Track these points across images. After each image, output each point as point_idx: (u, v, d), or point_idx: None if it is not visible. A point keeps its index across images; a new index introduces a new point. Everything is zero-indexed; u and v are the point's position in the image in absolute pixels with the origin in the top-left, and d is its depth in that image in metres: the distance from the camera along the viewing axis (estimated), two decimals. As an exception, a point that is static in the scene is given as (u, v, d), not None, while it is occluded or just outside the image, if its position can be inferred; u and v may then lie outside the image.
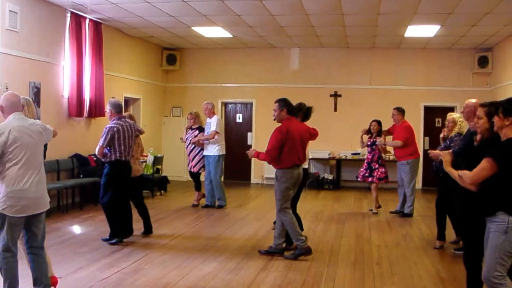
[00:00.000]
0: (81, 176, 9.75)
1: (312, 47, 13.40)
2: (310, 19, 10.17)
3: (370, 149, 9.31)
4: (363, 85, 13.47)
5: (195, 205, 9.79)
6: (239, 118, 14.28)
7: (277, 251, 6.26)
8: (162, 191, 11.54)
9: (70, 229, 7.76)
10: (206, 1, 8.93)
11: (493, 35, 11.23)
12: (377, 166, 9.25)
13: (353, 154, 12.95)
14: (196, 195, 9.92)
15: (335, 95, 13.54)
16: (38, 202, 4.19)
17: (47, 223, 4.47)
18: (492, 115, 3.81)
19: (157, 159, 11.47)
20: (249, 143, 14.03)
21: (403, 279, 5.51)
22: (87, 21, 10.18)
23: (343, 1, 8.78)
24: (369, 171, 9.27)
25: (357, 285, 5.26)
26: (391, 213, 9.41)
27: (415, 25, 10.36)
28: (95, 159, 10.02)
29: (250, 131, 14.10)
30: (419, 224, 8.52)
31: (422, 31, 10.96)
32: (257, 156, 6.27)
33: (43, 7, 8.99)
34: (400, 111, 9.26)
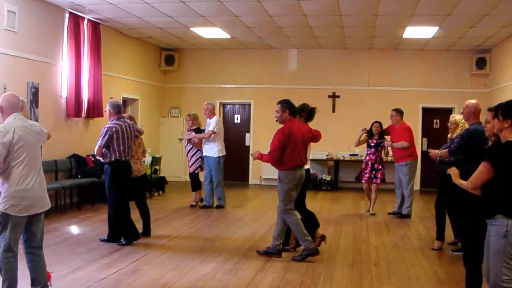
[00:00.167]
0: (79, 176, 9.74)
1: (310, 48, 13.41)
2: (308, 20, 10.18)
3: (374, 150, 9.27)
4: (361, 86, 13.49)
5: (193, 206, 9.79)
6: (237, 118, 14.28)
7: (275, 251, 6.26)
8: (160, 192, 11.53)
9: (68, 229, 7.76)
10: (204, 1, 8.93)
11: (491, 37, 11.26)
12: (380, 167, 9.26)
13: (351, 155, 12.98)
14: (193, 195, 9.93)
15: (333, 96, 13.55)
16: (40, 201, 4.21)
17: (45, 223, 4.46)
18: None
19: (155, 160, 11.49)
20: (247, 144, 14.04)
21: (401, 280, 5.51)
22: (85, 22, 10.17)
23: (341, 2, 8.79)
24: (374, 172, 9.28)
25: (354, 286, 5.26)
26: (389, 214, 9.41)
27: (413, 26, 10.38)
28: (93, 159, 10.01)
29: (248, 132, 14.10)
30: (417, 225, 8.53)
31: (420, 32, 10.98)
32: (260, 157, 6.26)
33: (41, 7, 8.98)
34: (398, 112, 9.26)
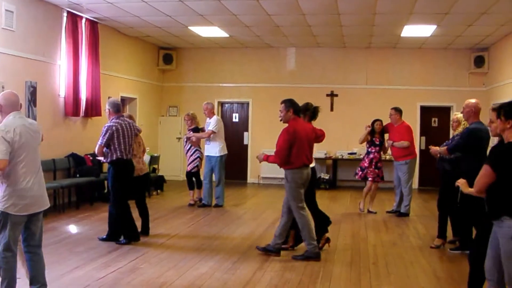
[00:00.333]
0: (78, 175, 9.72)
1: (308, 46, 13.41)
2: (306, 19, 10.17)
3: (378, 148, 9.27)
4: (360, 84, 13.49)
5: (191, 205, 9.79)
6: (236, 117, 14.27)
7: (274, 250, 6.25)
8: (158, 191, 11.53)
9: (66, 228, 7.75)
10: (202, 0, 8.91)
11: (489, 35, 11.26)
12: (381, 165, 9.28)
13: (349, 153, 12.98)
14: (191, 194, 9.94)
15: (332, 95, 13.55)
16: (39, 200, 4.20)
17: (43, 223, 4.46)
18: None
19: (153, 159, 11.48)
20: (245, 142, 14.04)
21: (400, 278, 5.52)
22: (84, 21, 10.16)
23: (339, 1, 8.78)
24: (377, 170, 9.27)
25: (353, 285, 5.27)
26: (388, 212, 9.42)
27: (412, 25, 10.38)
28: (91, 158, 10.00)
29: (246, 131, 14.10)
30: (416, 223, 8.54)
31: (418, 31, 10.98)
32: (266, 159, 6.21)
33: (39, 6, 8.97)
34: (398, 111, 9.25)
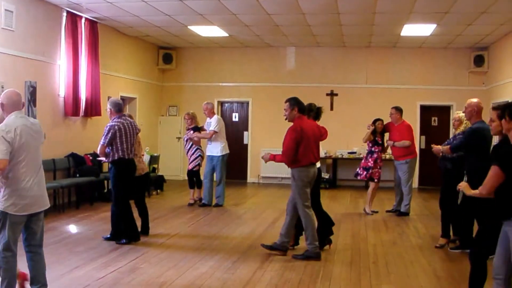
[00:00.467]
0: (77, 175, 9.72)
1: (308, 46, 13.40)
2: (306, 18, 10.17)
3: (381, 147, 9.24)
4: (360, 84, 13.49)
5: (191, 204, 9.79)
6: (235, 117, 14.27)
7: (280, 248, 6.21)
8: (158, 190, 11.52)
9: (66, 228, 7.75)
10: (202, 0, 8.91)
11: (489, 34, 11.26)
12: (382, 165, 9.28)
13: (349, 153, 12.98)
14: (191, 193, 9.94)
15: (332, 94, 13.54)
16: (39, 200, 4.20)
17: (44, 222, 4.45)
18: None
19: (153, 158, 11.47)
20: (245, 142, 14.04)
21: (400, 278, 5.52)
22: (83, 20, 10.15)
23: (339, 0, 8.78)
24: (380, 170, 9.27)
25: (353, 284, 5.26)
26: (388, 212, 9.42)
27: (411, 24, 10.38)
28: (91, 158, 10.00)
29: (246, 130, 14.09)
30: (416, 223, 8.54)
31: (418, 30, 10.97)
32: (273, 158, 6.17)
33: (38, 6, 8.96)
34: (398, 110, 9.24)
